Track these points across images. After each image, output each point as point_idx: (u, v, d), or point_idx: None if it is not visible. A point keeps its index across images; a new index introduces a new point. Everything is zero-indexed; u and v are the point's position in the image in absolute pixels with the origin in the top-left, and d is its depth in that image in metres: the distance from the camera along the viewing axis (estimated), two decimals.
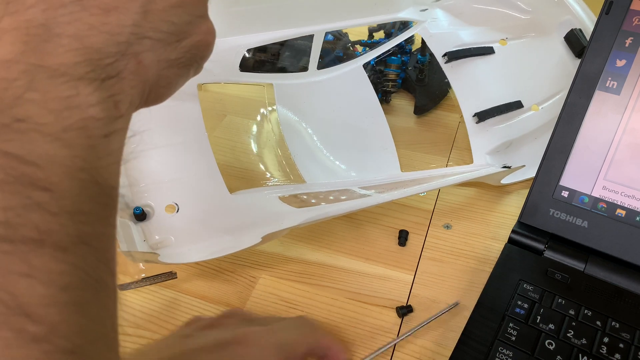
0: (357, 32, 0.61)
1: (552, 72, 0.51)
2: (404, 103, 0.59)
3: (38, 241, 0.14)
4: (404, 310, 0.39)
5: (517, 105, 0.50)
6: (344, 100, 0.53)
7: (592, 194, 0.40)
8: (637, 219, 0.38)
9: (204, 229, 0.38)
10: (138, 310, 0.39)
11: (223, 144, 0.53)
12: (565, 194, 0.40)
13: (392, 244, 0.44)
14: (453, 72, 0.51)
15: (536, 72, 0.52)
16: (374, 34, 0.61)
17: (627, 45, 0.39)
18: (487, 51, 0.52)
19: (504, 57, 0.52)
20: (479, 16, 0.55)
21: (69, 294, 0.15)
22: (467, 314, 0.36)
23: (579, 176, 0.40)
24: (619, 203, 0.39)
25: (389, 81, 0.57)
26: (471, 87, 0.51)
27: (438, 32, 0.53)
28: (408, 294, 0.40)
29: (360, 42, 0.58)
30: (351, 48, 0.57)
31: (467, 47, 0.52)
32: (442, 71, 0.58)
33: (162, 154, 0.40)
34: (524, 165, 0.47)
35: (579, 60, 0.49)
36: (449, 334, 0.37)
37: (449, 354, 0.34)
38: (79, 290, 0.15)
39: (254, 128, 0.54)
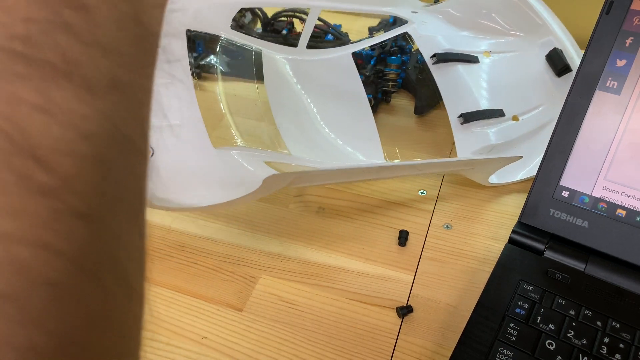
0: (357, 32, 0.61)
1: (532, 88, 0.53)
2: (404, 103, 0.59)
3: (63, 71, 0.11)
4: (404, 311, 0.39)
5: (499, 112, 0.51)
6: (329, 85, 0.53)
7: (592, 194, 0.40)
8: (638, 219, 0.38)
9: (183, 178, 0.37)
10: None
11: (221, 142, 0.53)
12: (565, 194, 0.40)
13: (392, 244, 0.44)
14: (440, 73, 0.53)
15: (517, 85, 0.54)
16: (374, 33, 0.61)
17: (627, 45, 0.39)
18: (473, 59, 0.54)
19: (488, 68, 0.54)
20: (467, 27, 0.57)
21: (90, 144, 0.12)
22: (467, 314, 0.36)
23: (579, 176, 0.40)
24: (619, 203, 0.39)
25: (389, 81, 0.57)
26: (456, 89, 0.52)
27: (427, 34, 0.55)
28: (408, 294, 0.40)
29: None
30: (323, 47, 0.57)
31: (455, 52, 0.53)
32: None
33: None
34: (521, 157, 0.47)
35: (558, 79, 0.52)
36: (449, 335, 0.37)
37: (449, 354, 0.34)
38: (103, 143, 0.12)
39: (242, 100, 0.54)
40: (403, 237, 0.44)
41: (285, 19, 0.61)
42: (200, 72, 0.57)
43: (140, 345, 0.14)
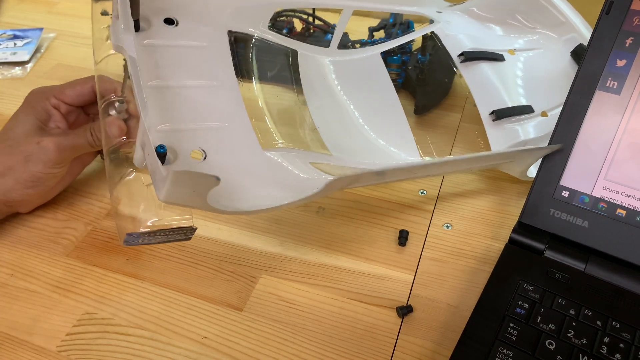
0: (357, 31, 0.61)
1: (558, 84, 0.53)
2: (404, 103, 0.59)
3: None
4: (405, 311, 0.39)
5: (529, 109, 0.51)
6: (362, 84, 0.54)
7: (592, 194, 0.40)
8: (638, 219, 0.38)
9: (239, 181, 0.36)
10: (138, 310, 0.39)
11: None
12: (565, 194, 0.40)
13: (392, 244, 0.44)
14: (468, 72, 0.53)
15: (543, 82, 0.54)
16: (374, 33, 0.61)
17: (627, 45, 0.39)
18: (499, 58, 0.54)
19: (513, 66, 0.55)
20: (491, 26, 0.58)
21: None
22: (467, 314, 0.36)
23: (580, 176, 0.40)
24: (619, 203, 0.39)
25: None
26: (485, 87, 0.53)
27: (453, 33, 0.55)
28: (408, 294, 0.40)
29: (360, 42, 0.58)
30: (352, 47, 0.57)
31: (482, 50, 0.54)
32: (443, 71, 0.58)
33: (189, 94, 0.37)
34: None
35: None
36: (449, 334, 0.37)
37: (449, 354, 0.34)
38: None
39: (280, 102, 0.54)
40: (403, 237, 0.44)
41: (285, 18, 0.61)
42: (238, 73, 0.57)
43: None
